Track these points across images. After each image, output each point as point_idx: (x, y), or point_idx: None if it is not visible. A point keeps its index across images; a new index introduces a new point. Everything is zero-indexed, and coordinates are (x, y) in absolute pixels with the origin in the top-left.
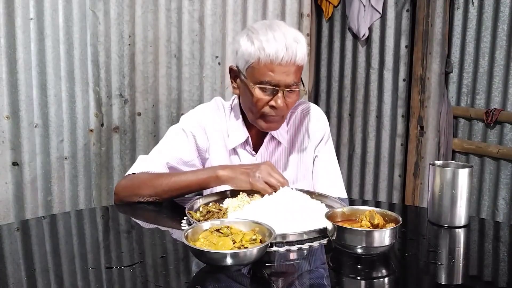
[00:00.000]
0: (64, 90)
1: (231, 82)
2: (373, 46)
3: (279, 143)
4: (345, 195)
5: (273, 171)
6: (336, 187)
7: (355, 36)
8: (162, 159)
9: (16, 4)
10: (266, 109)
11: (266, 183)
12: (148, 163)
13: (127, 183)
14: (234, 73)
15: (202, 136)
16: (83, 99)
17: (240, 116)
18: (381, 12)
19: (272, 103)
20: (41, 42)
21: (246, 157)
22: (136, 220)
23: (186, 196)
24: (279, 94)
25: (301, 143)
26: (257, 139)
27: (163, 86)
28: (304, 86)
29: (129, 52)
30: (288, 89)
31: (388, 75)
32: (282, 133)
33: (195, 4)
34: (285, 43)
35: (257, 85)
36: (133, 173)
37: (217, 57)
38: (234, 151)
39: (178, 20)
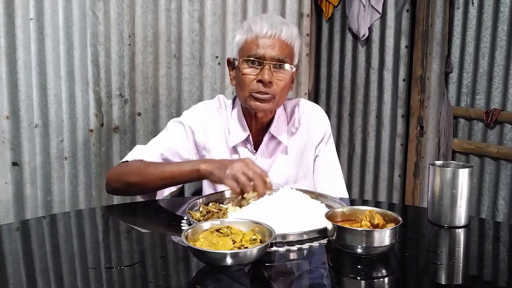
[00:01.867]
0: (64, 90)
1: (229, 74)
2: (373, 46)
3: (279, 142)
4: (346, 195)
5: (248, 168)
6: (337, 187)
7: (355, 36)
8: (157, 150)
9: (16, 4)
10: (254, 84)
11: (236, 180)
12: (143, 152)
13: (117, 169)
14: (231, 65)
15: (200, 132)
16: (83, 99)
17: (242, 114)
18: (381, 12)
19: (259, 77)
20: (41, 42)
21: (246, 156)
22: (136, 220)
23: (186, 196)
24: (265, 68)
25: (302, 143)
26: (257, 138)
27: (163, 86)
28: (295, 66)
29: (129, 52)
30: (274, 63)
31: (388, 75)
32: (282, 132)
33: (195, 4)
34: (271, 22)
35: (245, 61)
36: (126, 161)
37: (217, 57)
38: (235, 149)
39: (178, 20)
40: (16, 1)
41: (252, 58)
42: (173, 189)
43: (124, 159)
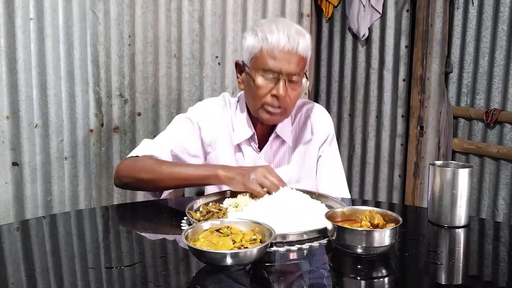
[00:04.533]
0: (64, 90)
1: (237, 77)
2: (373, 46)
3: (283, 141)
4: (348, 196)
5: (270, 174)
6: (340, 188)
7: (355, 36)
8: (167, 145)
9: (16, 4)
10: (268, 98)
11: (260, 185)
12: (153, 148)
13: (129, 164)
14: (240, 68)
15: (207, 129)
16: (83, 99)
17: (246, 112)
18: (381, 12)
19: (274, 91)
20: (41, 42)
21: (250, 154)
22: (136, 220)
23: (186, 196)
24: (281, 83)
25: (306, 143)
26: (262, 137)
27: (163, 86)
28: (307, 79)
29: (129, 52)
30: (289, 78)
31: (388, 75)
32: (287, 131)
33: (195, 4)
34: (288, 33)
35: (260, 73)
36: (137, 156)
37: (217, 57)
38: (239, 147)
39: (178, 20)
40: (16, 1)
41: (269, 74)
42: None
43: (133, 153)
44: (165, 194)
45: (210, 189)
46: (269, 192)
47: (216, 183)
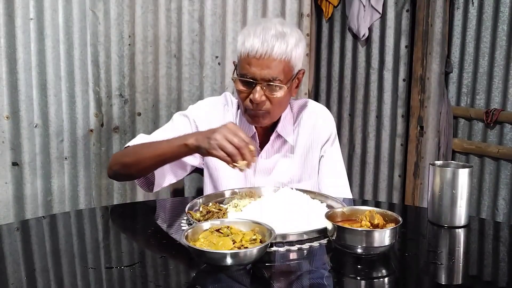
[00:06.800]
0: (64, 90)
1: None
2: (373, 46)
3: (285, 141)
4: (350, 196)
5: (232, 135)
6: (341, 188)
7: (355, 36)
8: (160, 139)
9: (16, 4)
10: (247, 102)
11: (222, 149)
12: (145, 140)
13: (118, 153)
14: (235, 68)
15: (204, 127)
16: (83, 99)
17: None
18: (381, 12)
19: (250, 96)
20: (41, 42)
21: None
22: (136, 220)
23: (186, 196)
24: (257, 88)
25: (307, 142)
26: (263, 136)
27: (163, 86)
28: (300, 70)
29: (129, 52)
30: (266, 83)
31: (388, 75)
32: (288, 131)
33: (195, 4)
34: (263, 38)
35: (239, 78)
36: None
37: (217, 57)
38: None
39: (178, 20)
40: (16, 1)
41: (244, 78)
42: (173, 180)
43: (126, 145)
44: (158, 187)
45: (210, 189)
46: (234, 160)
47: (188, 153)
